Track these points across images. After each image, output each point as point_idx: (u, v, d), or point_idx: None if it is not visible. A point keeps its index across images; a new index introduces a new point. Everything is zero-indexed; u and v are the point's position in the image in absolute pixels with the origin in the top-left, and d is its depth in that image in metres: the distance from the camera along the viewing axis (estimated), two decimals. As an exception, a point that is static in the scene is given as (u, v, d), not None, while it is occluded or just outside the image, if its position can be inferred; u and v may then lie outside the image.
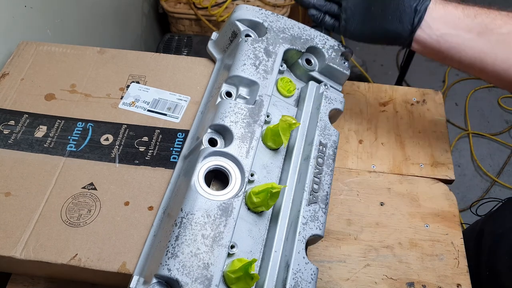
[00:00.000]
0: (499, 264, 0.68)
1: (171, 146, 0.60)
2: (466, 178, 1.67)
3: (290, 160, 0.56)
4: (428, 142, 0.73)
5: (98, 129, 0.61)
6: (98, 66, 0.69)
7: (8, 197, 0.55)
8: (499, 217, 0.75)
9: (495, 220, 0.76)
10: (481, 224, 0.80)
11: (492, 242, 0.72)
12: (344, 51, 0.66)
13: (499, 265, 0.68)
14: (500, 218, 0.75)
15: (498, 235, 0.71)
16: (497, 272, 0.68)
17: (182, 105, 0.64)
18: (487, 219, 0.80)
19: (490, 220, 0.78)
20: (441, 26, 0.55)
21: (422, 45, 0.57)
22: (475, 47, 0.55)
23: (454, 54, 0.56)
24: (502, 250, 0.68)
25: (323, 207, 0.53)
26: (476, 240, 0.71)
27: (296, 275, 0.48)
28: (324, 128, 0.58)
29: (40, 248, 0.51)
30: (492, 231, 0.73)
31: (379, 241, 0.64)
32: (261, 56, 0.60)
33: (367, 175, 0.70)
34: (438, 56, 0.58)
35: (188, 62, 0.70)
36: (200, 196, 0.48)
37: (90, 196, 0.55)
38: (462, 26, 0.55)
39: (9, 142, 0.60)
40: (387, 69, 1.97)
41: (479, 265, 0.68)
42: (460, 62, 0.57)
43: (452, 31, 0.55)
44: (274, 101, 0.60)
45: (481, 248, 0.71)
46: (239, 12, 0.64)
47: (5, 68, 0.68)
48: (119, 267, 0.50)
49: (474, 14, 0.55)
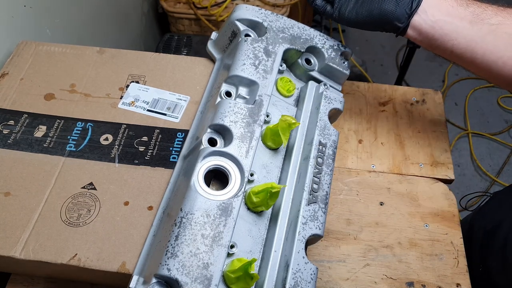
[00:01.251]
0: (491, 261, 0.68)
1: (170, 146, 0.60)
2: (465, 177, 1.67)
3: (289, 160, 0.56)
4: (428, 142, 0.73)
5: (97, 129, 0.61)
6: (97, 66, 0.69)
7: (8, 197, 0.55)
8: (489, 212, 0.75)
9: (485, 215, 0.76)
10: (470, 220, 0.80)
11: (482, 237, 0.72)
12: (343, 51, 0.66)
13: (492, 262, 0.68)
14: (490, 213, 0.75)
15: (488, 231, 0.71)
16: (490, 269, 0.68)
17: (181, 105, 0.64)
18: (476, 214, 0.81)
19: (479, 215, 0.78)
20: (436, 12, 0.55)
21: (418, 31, 0.57)
22: (467, 36, 0.55)
23: (447, 42, 0.56)
24: (493, 247, 0.68)
25: (323, 207, 0.53)
26: (466, 236, 0.71)
27: (296, 275, 0.48)
28: (323, 127, 0.58)
29: (39, 248, 0.51)
30: (482, 226, 0.74)
31: (379, 240, 0.64)
32: (260, 55, 0.60)
33: (366, 175, 0.70)
34: (432, 44, 0.58)
35: (187, 61, 0.70)
36: (199, 196, 0.48)
37: (89, 196, 0.55)
38: (456, 14, 0.55)
39: (8, 142, 0.60)
40: (387, 69, 1.97)
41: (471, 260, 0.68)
42: (452, 51, 0.57)
43: (446, 18, 0.55)
44: (274, 101, 0.60)
45: (472, 243, 0.71)
46: (239, 11, 0.64)
47: (4, 68, 0.68)
48: (118, 267, 0.50)
49: (467, 3, 0.56)
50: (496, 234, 0.68)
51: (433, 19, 0.56)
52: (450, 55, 0.58)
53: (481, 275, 0.68)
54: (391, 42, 2.05)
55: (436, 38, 0.57)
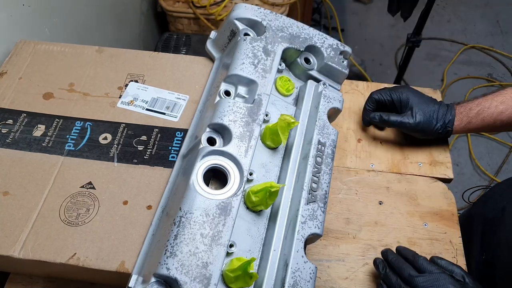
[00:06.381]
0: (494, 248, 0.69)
1: (169, 145, 0.60)
2: (464, 177, 1.67)
3: (289, 159, 0.56)
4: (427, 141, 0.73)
5: (96, 128, 0.61)
6: (96, 65, 0.69)
7: (6, 197, 0.55)
8: (489, 201, 0.78)
9: (485, 204, 0.78)
10: (469, 211, 0.83)
11: (483, 226, 0.74)
12: (342, 50, 0.66)
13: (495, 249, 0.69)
14: (490, 201, 0.77)
15: (490, 219, 0.73)
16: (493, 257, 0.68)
17: (180, 104, 0.64)
18: (475, 205, 0.82)
19: (479, 205, 0.80)
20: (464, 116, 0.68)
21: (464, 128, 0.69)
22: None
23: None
24: (496, 234, 0.69)
25: (322, 206, 0.53)
26: (466, 228, 0.71)
27: (295, 274, 0.48)
28: (323, 127, 0.58)
29: (38, 247, 0.51)
30: (483, 215, 0.75)
31: (378, 240, 0.65)
32: (259, 55, 0.60)
33: (365, 174, 0.70)
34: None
35: (186, 61, 0.70)
36: (198, 195, 0.48)
37: (88, 195, 0.55)
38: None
39: (7, 141, 0.60)
40: (386, 68, 1.97)
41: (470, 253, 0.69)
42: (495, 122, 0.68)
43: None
44: (273, 100, 0.60)
45: (472, 235, 0.71)
46: (238, 11, 0.64)
47: (3, 67, 0.68)
48: (117, 266, 0.50)
49: (470, 106, 0.69)
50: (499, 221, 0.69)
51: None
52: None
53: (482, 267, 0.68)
54: (390, 41, 2.05)
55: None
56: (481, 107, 0.67)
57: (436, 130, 0.68)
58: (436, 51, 2.03)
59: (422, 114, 0.67)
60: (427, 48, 2.00)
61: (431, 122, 0.67)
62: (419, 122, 0.67)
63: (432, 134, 0.69)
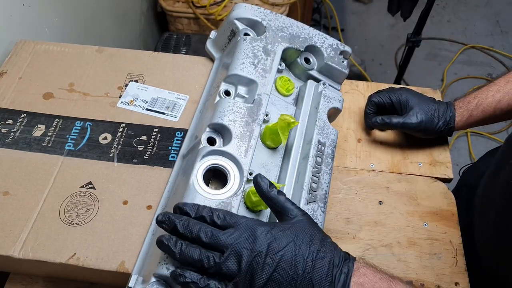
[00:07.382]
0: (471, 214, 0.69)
1: (169, 145, 0.60)
2: (464, 176, 1.67)
3: (288, 159, 0.56)
4: (427, 141, 0.73)
5: (96, 128, 0.61)
6: (96, 65, 0.69)
7: (6, 196, 0.55)
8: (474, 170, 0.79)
9: (470, 173, 0.80)
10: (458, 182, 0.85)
11: (467, 195, 0.75)
12: (342, 50, 0.66)
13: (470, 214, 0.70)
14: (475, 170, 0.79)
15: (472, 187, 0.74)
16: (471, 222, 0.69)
17: (180, 104, 0.64)
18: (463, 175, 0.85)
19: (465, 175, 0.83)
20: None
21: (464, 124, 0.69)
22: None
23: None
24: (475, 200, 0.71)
25: (322, 206, 0.53)
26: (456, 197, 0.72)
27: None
28: (322, 127, 0.58)
29: (38, 247, 0.51)
30: (467, 184, 0.77)
31: (378, 240, 0.64)
32: (259, 55, 0.60)
33: (365, 174, 0.70)
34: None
35: (186, 61, 0.70)
36: (198, 195, 0.48)
37: (88, 195, 0.55)
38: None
39: (7, 141, 0.60)
40: (386, 68, 1.97)
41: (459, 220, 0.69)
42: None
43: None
44: (273, 100, 0.60)
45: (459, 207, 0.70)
46: (238, 10, 0.64)
47: (2, 67, 0.68)
48: (117, 266, 0.50)
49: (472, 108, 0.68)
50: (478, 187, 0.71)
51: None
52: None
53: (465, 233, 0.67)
54: (390, 41, 2.05)
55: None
56: (479, 98, 0.67)
57: (439, 128, 0.68)
58: (436, 51, 2.03)
59: (423, 114, 0.67)
60: (427, 48, 2.00)
61: (433, 121, 0.67)
62: (421, 122, 0.67)
63: (434, 132, 0.69)
